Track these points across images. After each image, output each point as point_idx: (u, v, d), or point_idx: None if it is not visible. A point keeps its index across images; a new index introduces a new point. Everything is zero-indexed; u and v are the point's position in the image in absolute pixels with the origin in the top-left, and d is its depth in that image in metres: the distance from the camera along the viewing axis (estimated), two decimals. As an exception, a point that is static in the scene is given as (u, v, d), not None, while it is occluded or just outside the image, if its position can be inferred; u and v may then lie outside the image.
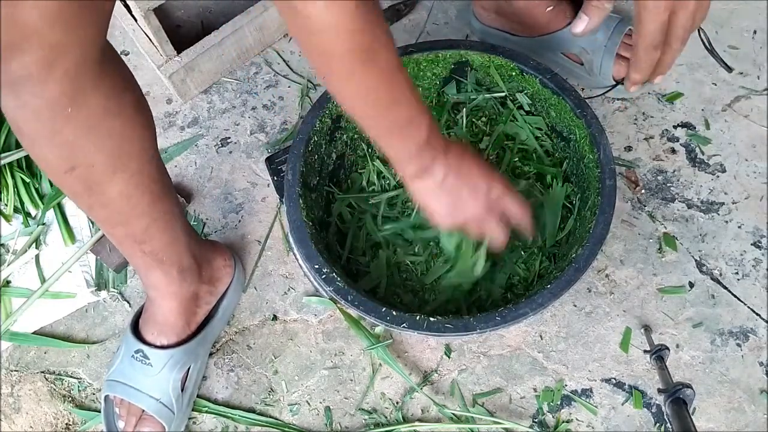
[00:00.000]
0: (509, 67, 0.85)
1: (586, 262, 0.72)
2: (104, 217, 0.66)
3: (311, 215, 0.79)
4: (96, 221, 0.68)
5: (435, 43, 0.86)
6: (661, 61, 0.70)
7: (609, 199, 0.75)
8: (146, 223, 0.67)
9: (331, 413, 0.84)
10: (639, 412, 0.83)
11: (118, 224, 0.67)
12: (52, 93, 0.51)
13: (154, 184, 0.66)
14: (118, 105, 0.58)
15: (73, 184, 0.61)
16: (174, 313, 0.78)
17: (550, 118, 0.86)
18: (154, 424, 0.79)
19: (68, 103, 0.53)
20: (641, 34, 0.66)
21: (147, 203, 0.66)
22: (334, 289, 0.72)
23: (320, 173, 0.85)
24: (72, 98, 0.53)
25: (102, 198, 0.62)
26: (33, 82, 0.49)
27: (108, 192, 0.62)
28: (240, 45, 1.03)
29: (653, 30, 0.65)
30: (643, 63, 0.70)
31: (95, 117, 0.56)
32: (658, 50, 0.68)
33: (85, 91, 0.53)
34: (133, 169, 0.62)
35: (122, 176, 0.61)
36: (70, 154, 0.57)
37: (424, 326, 0.70)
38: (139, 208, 0.65)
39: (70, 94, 0.52)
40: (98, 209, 0.65)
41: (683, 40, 0.67)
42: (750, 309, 0.87)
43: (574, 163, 0.84)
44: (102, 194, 0.62)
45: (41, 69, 0.48)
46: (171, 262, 0.73)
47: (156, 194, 0.66)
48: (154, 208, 0.67)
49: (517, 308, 0.70)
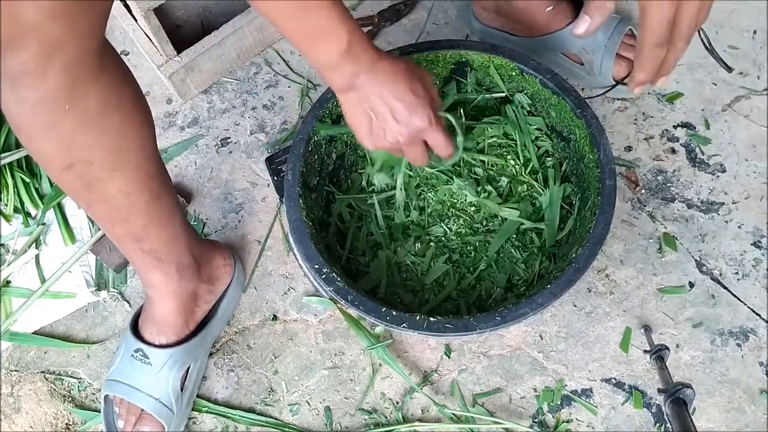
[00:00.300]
0: (509, 67, 0.85)
1: (586, 262, 0.72)
2: (103, 214, 0.66)
3: (311, 215, 0.79)
4: (95, 219, 0.68)
5: (435, 43, 0.86)
6: (665, 61, 0.69)
7: (609, 199, 0.75)
8: (145, 220, 0.67)
9: (331, 413, 0.84)
10: (639, 412, 0.83)
11: (117, 222, 0.67)
12: (51, 87, 0.51)
13: (153, 181, 0.66)
14: (117, 100, 0.58)
15: (71, 180, 0.61)
16: (173, 312, 0.78)
17: (550, 119, 0.86)
18: (153, 423, 0.79)
19: (67, 98, 0.53)
20: (646, 31, 0.66)
21: (146, 201, 0.66)
22: (334, 289, 0.72)
23: (320, 173, 0.85)
24: (70, 93, 0.53)
25: (101, 195, 0.62)
26: (31, 76, 0.49)
27: (107, 189, 0.62)
28: (240, 45, 1.03)
29: (658, 27, 0.65)
30: (648, 62, 0.69)
31: (94, 112, 0.56)
32: (664, 48, 0.67)
33: (83, 85, 0.53)
34: (132, 166, 0.62)
35: (121, 173, 0.61)
36: (68, 151, 0.57)
37: (424, 326, 0.70)
38: (138, 206, 0.65)
39: (69, 89, 0.52)
40: (97, 206, 0.65)
41: (687, 39, 0.67)
42: (750, 309, 0.87)
43: (574, 163, 0.84)
44: (101, 191, 0.62)
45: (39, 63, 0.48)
46: (170, 261, 0.73)
47: (155, 192, 0.66)
48: (153, 206, 0.67)
49: (517, 308, 0.70)
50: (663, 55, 0.68)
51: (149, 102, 1.02)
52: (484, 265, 0.84)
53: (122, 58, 0.61)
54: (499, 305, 0.79)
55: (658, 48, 0.67)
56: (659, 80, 0.72)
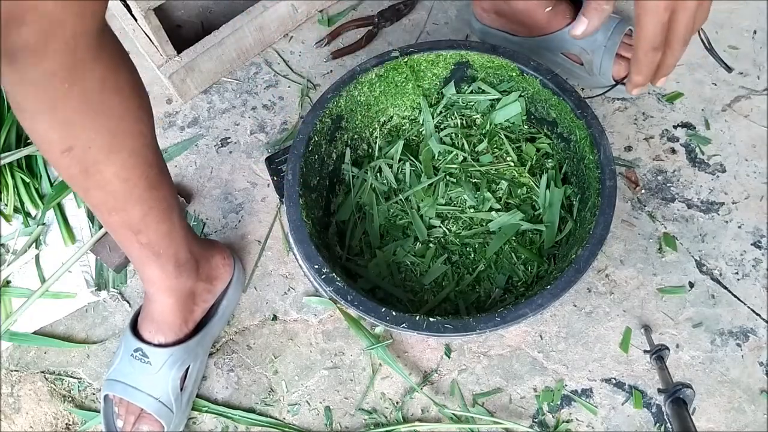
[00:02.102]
0: (509, 68, 0.85)
1: (586, 263, 0.72)
2: (100, 201, 0.66)
3: (311, 215, 0.79)
4: (92, 207, 0.67)
5: (435, 43, 0.86)
6: (663, 63, 0.69)
7: (609, 200, 0.75)
8: (143, 210, 0.67)
9: (331, 413, 0.84)
10: (639, 412, 0.83)
11: (114, 210, 0.66)
12: (51, 65, 0.51)
13: (151, 169, 0.66)
14: (116, 82, 0.58)
15: (70, 165, 0.60)
16: (171, 310, 0.78)
17: (551, 119, 0.86)
18: (153, 423, 0.79)
19: (67, 76, 0.53)
20: (641, 35, 0.66)
21: (143, 188, 0.65)
22: (333, 289, 0.72)
23: (320, 173, 0.85)
24: (71, 72, 0.53)
25: (98, 180, 0.62)
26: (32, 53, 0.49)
27: (104, 174, 0.62)
28: (240, 45, 1.03)
29: (653, 31, 0.65)
30: (644, 65, 0.69)
31: (94, 92, 0.56)
32: (659, 52, 0.67)
33: (83, 64, 0.53)
34: (130, 150, 0.62)
35: (119, 156, 0.61)
36: (68, 133, 0.58)
37: (423, 326, 0.70)
38: (136, 193, 0.65)
39: (69, 68, 0.52)
40: (94, 192, 0.64)
41: (684, 42, 0.67)
42: (750, 309, 0.87)
43: (575, 164, 0.84)
44: (98, 175, 0.62)
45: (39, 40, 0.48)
46: (168, 256, 0.73)
47: (153, 180, 0.66)
48: (151, 195, 0.67)
49: (516, 308, 0.70)
50: (659, 59, 0.68)
51: (149, 102, 1.04)
52: (483, 266, 0.84)
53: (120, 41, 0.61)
54: (498, 306, 0.79)
55: (653, 51, 0.67)
56: (659, 81, 0.73)
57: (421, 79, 0.88)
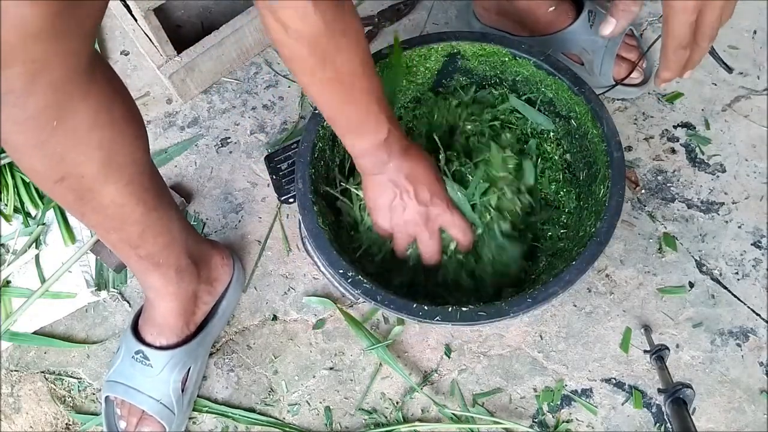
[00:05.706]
0: (501, 54, 0.84)
1: (607, 235, 0.71)
2: (98, 222, 0.65)
3: (326, 221, 0.79)
4: (89, 227, 0.67)
5: (425, 37, 0.85)
6: (690, 59, 0.71)
7: (619, 170, 0.75)
8: (141, 228, 0.67)
9: (331, 413, 0.84)
10: (639, 412, 0.83)
11: (112, 230, 0.66)
12: (38, 105, 0.50)
13: (147, 193, 0.65)
14: (108, 115, 0.57)
15: (64, 193, 0.60)
16: (173, 314, 0.78)
17: (547, 99, 0.86)
18: (154, 424, 0.79)
19: (54, 116, 0.52)
20: (670, 35, 0.67)
21: (141, 212, 0.65)
22: (362, 291, 0.71)
23: (327, 179, 0.85)
24: (58, 110, 0.52)
25: (94, 205, 0.61)
26: (17, 95, 0.48)
27: (100, 199, 0.61)
28: (240, 45, 1.03)
29: (681, 30, 0.66)
30: (672, 62, 0.70)
31: (83, 129, 0.55)
32: (687, 50, 0.68)
33: (72, 102, 0.52)
34: (126, 179, 0.61)
35: (114, 186, 0.61)
36: (59, 165, 0.56)
37: (457, 317, 0.69)
38: (133, 217, 0.65)
39: (57, 106, 0.51)
40: (91, 215, 0.64)
41: (711, 39, 0.68)
42: (750, 309, 0.87)
43: (577, 140, 0.84)
44: (94, 201, 0.61)
45: (24, 83, 0.47)
46: (168, 265, 0.73)
47: (150, 204, 0.66)
48: (149, 217, 0.66)
49: (546, 288, 0.70)
50: (687, 56, 0.69)
51: (149, 102, 1.04)
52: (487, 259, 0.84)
53: (113, 70, 0.60)
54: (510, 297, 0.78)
55: (682, 50, 0.68)
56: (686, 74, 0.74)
57: (414, 74, 0.88)
